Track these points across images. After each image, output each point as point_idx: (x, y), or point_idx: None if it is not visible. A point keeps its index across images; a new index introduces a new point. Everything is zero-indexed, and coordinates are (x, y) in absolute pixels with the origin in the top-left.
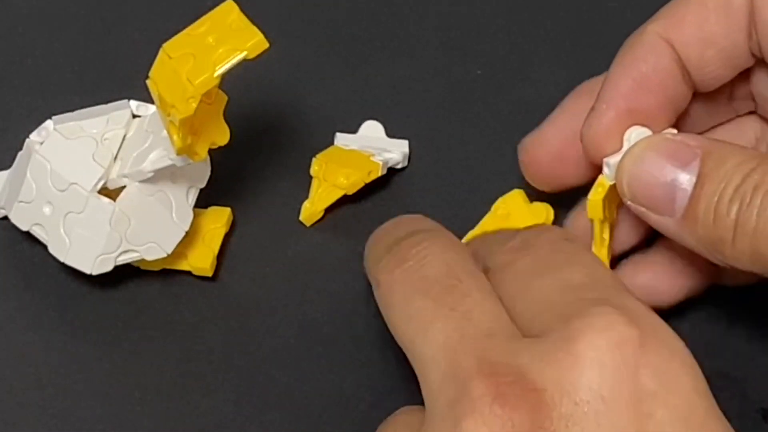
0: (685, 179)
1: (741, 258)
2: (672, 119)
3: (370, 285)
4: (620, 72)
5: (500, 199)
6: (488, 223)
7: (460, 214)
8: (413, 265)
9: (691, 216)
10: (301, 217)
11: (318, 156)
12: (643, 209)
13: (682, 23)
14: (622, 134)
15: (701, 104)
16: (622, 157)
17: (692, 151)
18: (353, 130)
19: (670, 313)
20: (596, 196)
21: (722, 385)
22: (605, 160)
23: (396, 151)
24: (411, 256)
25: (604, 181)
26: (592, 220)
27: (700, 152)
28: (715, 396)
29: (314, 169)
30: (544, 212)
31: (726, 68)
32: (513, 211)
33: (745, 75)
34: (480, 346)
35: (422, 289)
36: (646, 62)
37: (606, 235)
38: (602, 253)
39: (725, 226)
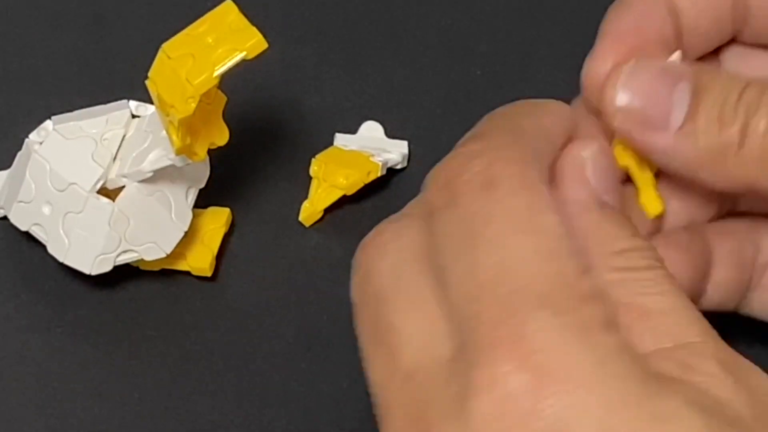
0: (681, 91)
1: (746, 167)
2: None
3: None
4: (619, 17)
5: None
6: None
7: None
8: (360, 279)
9: (689, 127)
10: (301, 218)
11: (317, 156)
12: (632, 128)
13: None
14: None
15: None
16: (608, 77)
17: (684, 68)
18: (353, 131)
19: None
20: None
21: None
22: None
23: (395, 152)
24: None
25: None
26: (627, 168)
27: (691, 70)
28: None
29: (314, 170)
30: None
31: (712, 38)
32: None
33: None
34: (401, 394)
35: (359, 319)
36: (645, 7)
37: (648, 174)
38: (650, 195)
39: (731, 132)
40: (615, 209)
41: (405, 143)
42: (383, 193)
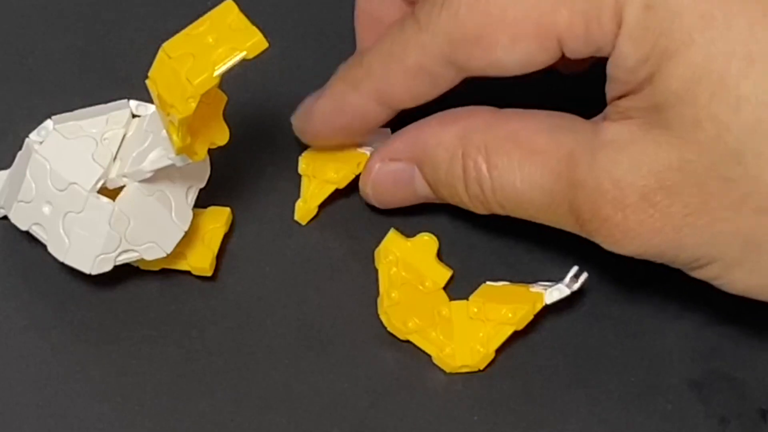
0: (419, 186)
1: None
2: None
3: (369, 284)
4: (330, 97)
5: (381, 247)
6: (386, 280)
7: (459, 214)
8: None
9: (442, 199)
10: (296, 217)
11: (304, 154)
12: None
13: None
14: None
15: None
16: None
17: (408, 166)
18: None
19: (671, 314)
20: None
21: (722, 385)
22: None
23: (380, 139)
24: None
25: None
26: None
27: (413, 163)
28: (714, 396)
29: (302, 167)
30: (428, 243)
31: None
32: (396, 252)
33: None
34: None
35: None
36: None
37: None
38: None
39: (478, 209)
40: None
41: (388, 130)
42: None
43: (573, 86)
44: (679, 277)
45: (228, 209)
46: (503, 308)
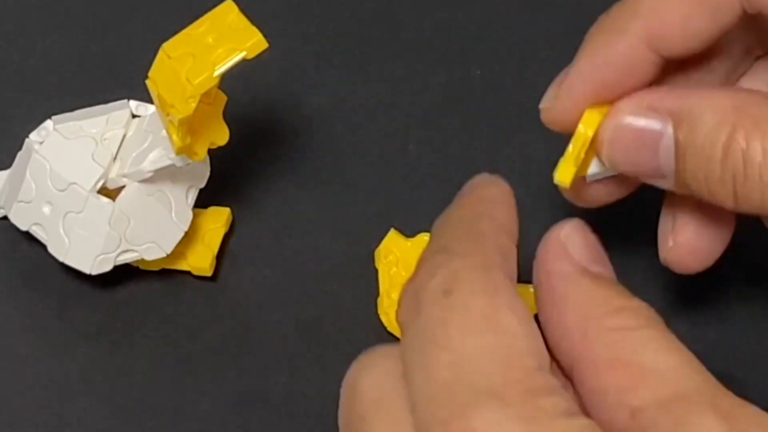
0: (664, 156)
1: (750, 210)
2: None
3: (369, 284)
4: (590, 52)
5: (381, 247)
6: (386, 280)
7: None
8: (346, 398)
9: (683, 184)
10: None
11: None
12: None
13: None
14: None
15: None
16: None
17: (660, 126)
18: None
19: (670, 314)
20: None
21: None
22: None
23: None
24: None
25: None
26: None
27: (668, 122)
28: None
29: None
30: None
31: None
32: (396, 252)
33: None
34: None
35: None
36: (617, 44)
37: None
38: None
39: (722, 196)
40: (607, 277)
41: None
42: (383, 193)
43: None
44: (679, 277)
45: (228, 209)
46: None
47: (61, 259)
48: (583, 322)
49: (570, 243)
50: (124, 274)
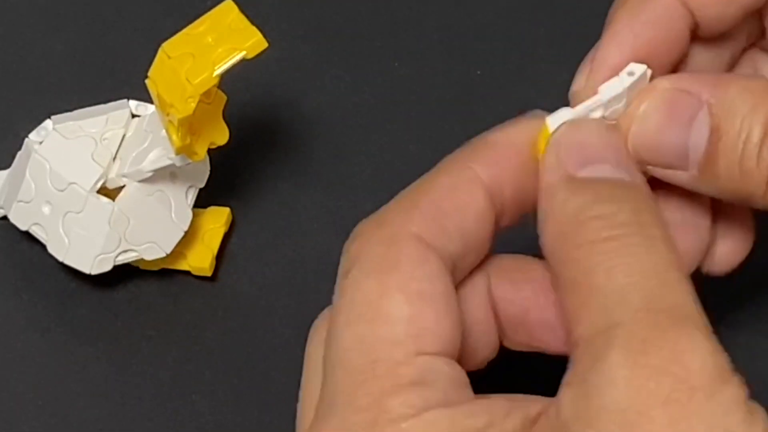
0: (697, 134)
1: None
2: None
3: None
4: (624, 22)
5: None
6: None
7: None
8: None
9: (709, 171)
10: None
11: None
12: (647, 161)
13: None
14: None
15: (703, 49)
16: (620, 118)
17: (697, 101)
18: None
19: None
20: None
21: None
22: (601, 87)
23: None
24: None
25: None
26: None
27: (705, 100)
28: None
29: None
30: None
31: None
32: None
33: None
34: None
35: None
36: (654, 12)
37: None
38: None
39: (756, 181)
40: (593, 179)
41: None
42: (384, 193)
43: None
44: None
45: (228, 209)
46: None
47: (61, 259)
48: (556, 241)
49: (560, 147)
50: (124, 274)
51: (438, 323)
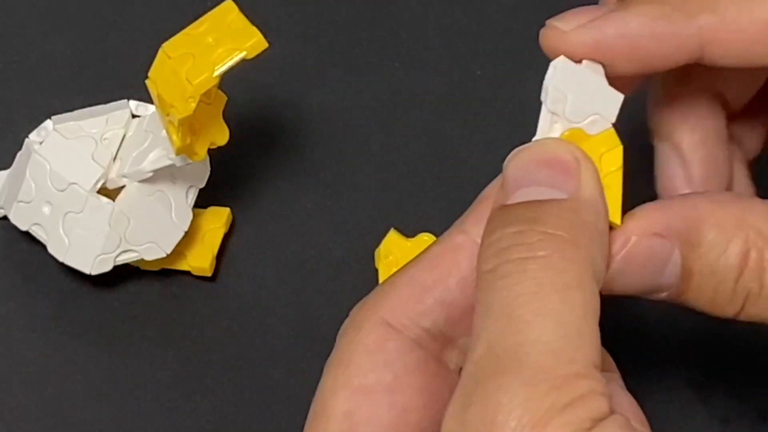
0: (669, 274)
1: (751, 320)
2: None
3: (369, 284)
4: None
5: (381, 247)
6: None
7: (458, 215)
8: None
9: (683, 299)
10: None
11: None
12: None
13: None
14: None
15: None
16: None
17: (669, 245)
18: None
19: (670, 314)
20: None
21: (722, 386)
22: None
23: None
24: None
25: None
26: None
27: (677, 243)
28: (714, 396)
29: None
30: (428, 243)
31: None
32: (396, 252)
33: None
34: None
35: None
36: None
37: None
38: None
39: (731, 311)
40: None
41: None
42: (383, 193)
43: None
44: None
45: (228, 209)
46: None
47: (61, 259)
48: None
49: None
50: (124, 274)
51: (373, 416)
